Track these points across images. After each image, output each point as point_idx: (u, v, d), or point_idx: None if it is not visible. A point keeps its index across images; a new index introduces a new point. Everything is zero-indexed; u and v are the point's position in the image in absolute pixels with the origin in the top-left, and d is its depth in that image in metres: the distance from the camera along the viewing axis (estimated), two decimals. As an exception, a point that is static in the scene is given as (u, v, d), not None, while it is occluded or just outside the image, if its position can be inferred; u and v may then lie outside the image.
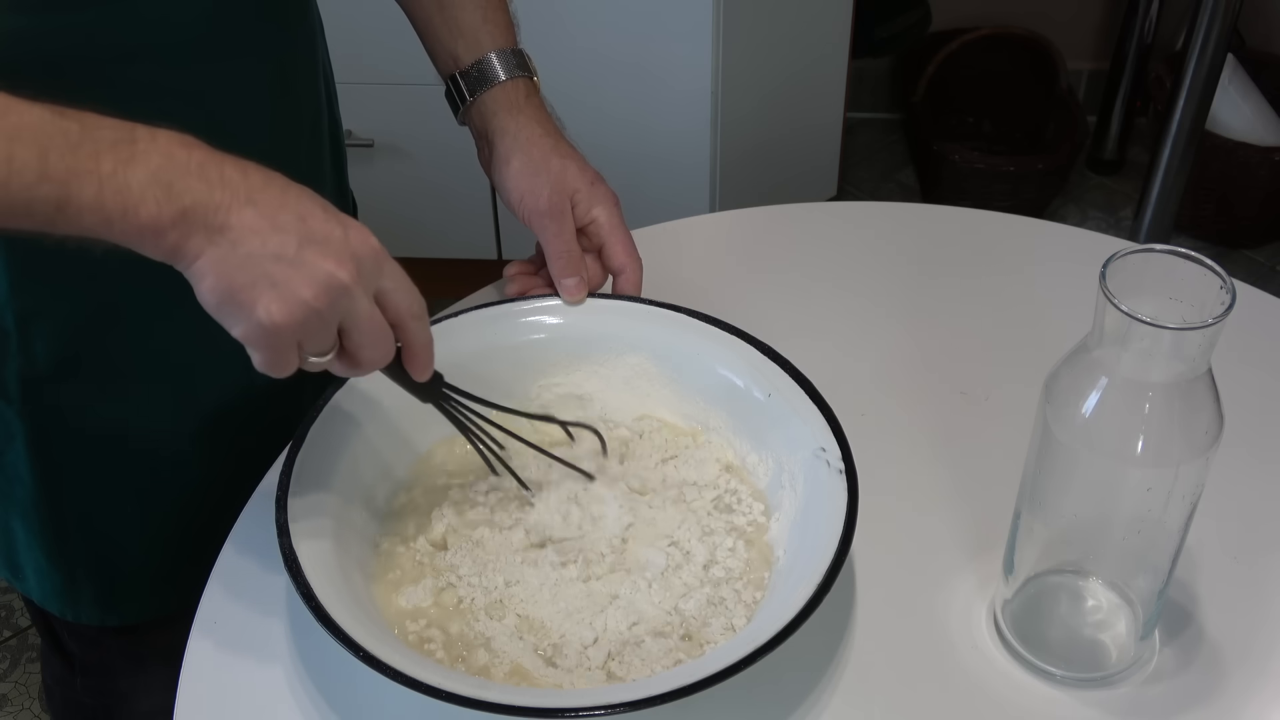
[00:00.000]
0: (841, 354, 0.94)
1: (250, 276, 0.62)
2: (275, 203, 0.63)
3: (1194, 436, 0.64)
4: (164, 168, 0.61)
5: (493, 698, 0.64)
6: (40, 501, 0.86)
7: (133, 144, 0.61)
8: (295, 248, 0.63)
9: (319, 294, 0.63)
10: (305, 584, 0.68)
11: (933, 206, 1.11)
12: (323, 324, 0.65)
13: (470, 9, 0.90)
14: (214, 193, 0.62)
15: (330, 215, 0.65)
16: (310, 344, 0.66)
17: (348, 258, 0.64)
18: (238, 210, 0.62)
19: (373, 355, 0.68)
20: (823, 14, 2.10)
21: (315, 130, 0.91)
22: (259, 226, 0.62)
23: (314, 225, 0.64)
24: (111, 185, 0.60)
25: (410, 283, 0.69)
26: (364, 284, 0.65)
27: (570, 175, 0.88)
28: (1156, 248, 0.64)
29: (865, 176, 2.53)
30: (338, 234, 0.64)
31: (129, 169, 0.60)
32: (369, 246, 0.66)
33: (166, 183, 0.61)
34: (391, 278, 0.67)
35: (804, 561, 0.71)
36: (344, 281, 0.64)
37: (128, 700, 1.03)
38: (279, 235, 0.63)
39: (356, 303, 0.65)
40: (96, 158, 0.60)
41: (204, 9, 0.76)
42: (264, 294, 0.63)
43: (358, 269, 0.65)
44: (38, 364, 0.81)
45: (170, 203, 0.61)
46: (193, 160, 0.62)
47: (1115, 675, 0.74)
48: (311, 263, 0.63)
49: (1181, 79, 1.86)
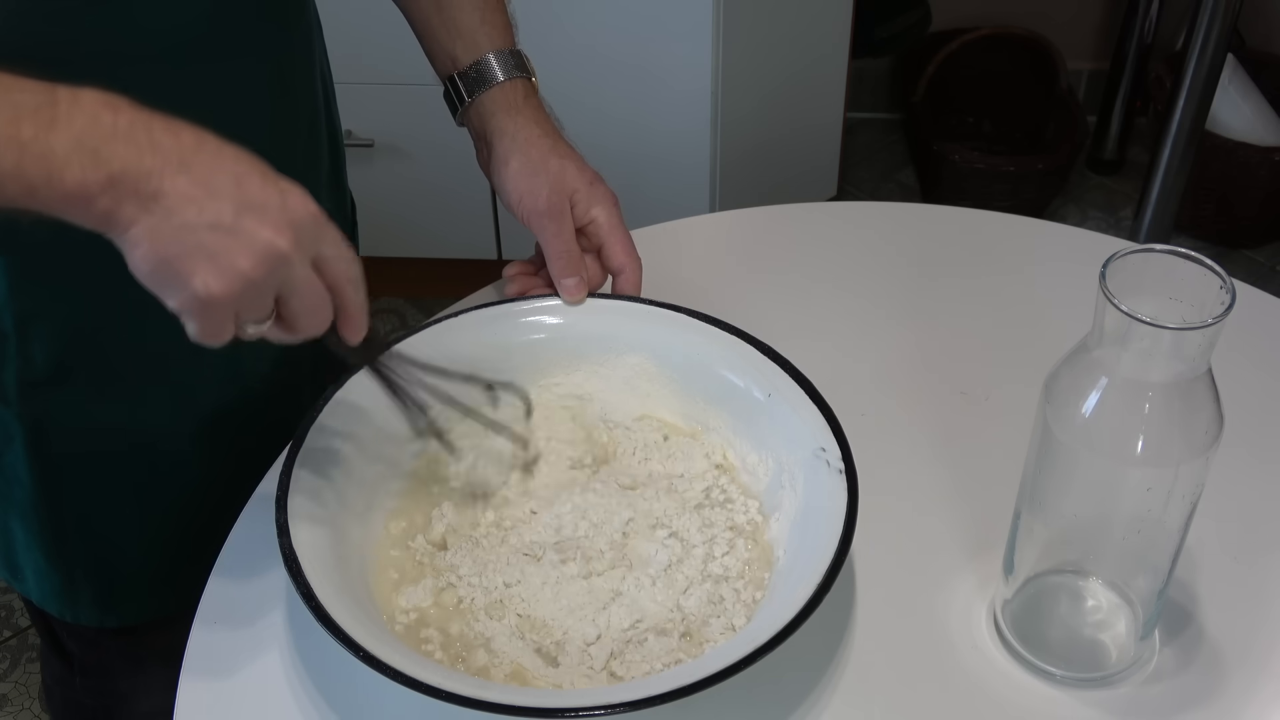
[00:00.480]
0: (841, 354, 0.94)
1: (186, 246, 0.60)
2: (210, 166, 0.60)
3: (1194, 436, 0.64)
4: (89, 132, 0.58)
5: (493, 698, 0.64)
6: (39, 502, 0.86)
7: (54, 107, 0.58)
8: (232, 215, 0.60)
9: (257, 264, 0.61)
10: (305, 584, 0.68)
11: (933, 206, 1.11)
12: (260, 294, 0.63)
13: (468, 10, 0.90)
14: (144, 158, 0.59)
15: (268, 179, 0.62)
16: (247, 313, 0.64)
17: (286, 224, 0.62)
18: (170, 176, 0.59)
19: (310, 322, 0.66)
20: (823, 14, 2.10)
21: (313, 130, 0.91)
22: (194, 194, 0.60)
23: (251, 190, 0.61)
24: (33, 151, 0.57)
25: (347, 247, 0.67)
26: (302, 251, 0.63)
27: (569, 175, 0.88)
28: (1156, 248, 0.64)
29: (865, 176, 2.53)
30: (275, 199, 0.62)
31: (50, 134, 0.57)
32: (308, 211, 0.63)
33: (92, 148, 0.58)
34: (330, 243, 0.65)
35: (804, 561, 0.71)
36: (282, 250, 0.61)
37: (127, 701, 1.03)
38: (215, 202, 0.60)
39: (295, 271, 0.63)
40: (15, 123, 0.57)
41: (202, 10, 0.76)
42: (200, 265, 0.60)
43: (296, 236, 0.62)
44: (36, 366, 0.81)
45: (97, 169, 0.58)
46: (119, 123, 0.59)
47: (1115, 675, 0.74)
48: (249, 231, 0.60)
49: (1181, 79, 1.86)
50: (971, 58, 2.47)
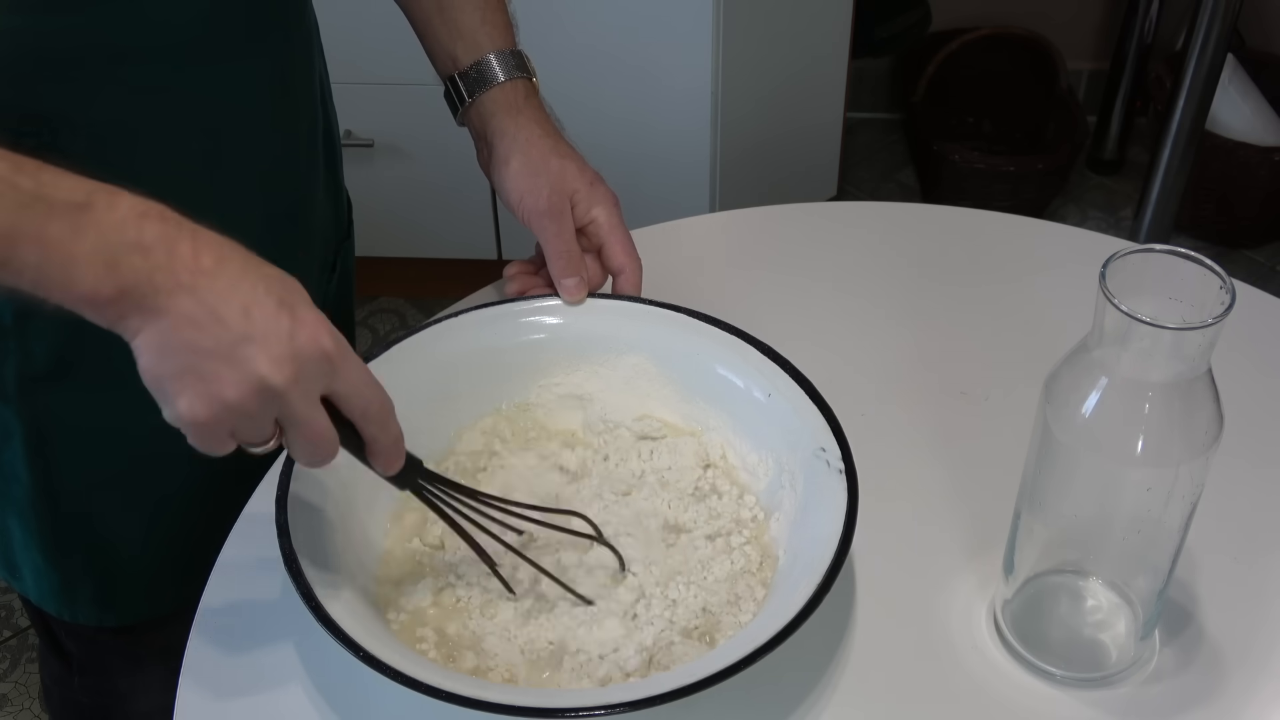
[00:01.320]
0: (841, 354, 0.94)
1: (178, 366, 0.60)
2: (222, 290, 0.60)
3: (1194, 436, 0.64)
4: (112, 241, 0.58)
5: (492, 698, 0.64)
6: (37, 501, 0.86)
7: (87, 210, 0.58)
8: (230, 344, 0.59)
9: (245, 396, 0.60)
10: (305, 584, 0.68)
11: (933, 207, 1.11)
12: (251, 422, 0.62)
13: (469, 10, 0.90)
14: (156, 275, 0.59)
15: (282, 309, 0.61)
16: (241, 436, 0.63)
17: (287, 359, 0.60)
18: (176, 296, 0.59)
19: (310, 457, 0.65)
20: (823, 14, 2.10)
21: (312, 129, 0.91)
22: (196, 316, 0.59)
23: (257, 320, 0.60)
24: (55, 252, 0.58)
25: (371, 382, 0.65)
26: (303, 387, 0.61)
27: (570, 175, 0.88)
28: (1156, 248, 0.63)
29: (865, 176, 2.53)
30: (283, 332, 0.60)
31: (76, 238, 0.58)
32: (317, 347, 0.61)
33: (110, 258, 0.58)
34: (346, 380, 0.63)
35: (804, 561, 0.71)
36: (275, 386, 0.60)
37: (126, 700, 1.03)
38: (216, 328, 0.59)
39: (290, 406, 0.62)
40: (45, 220, 0.57)
41: (201, 11, 0.76)
42: (188, 388, 0.60)
43: (297, 372, 0.61)
44: (36, 362, 0.81)
45: (109, 279, 0.58)
46: (145, 234, 0.59)
47: (1115, 675, 0.74)
48: (244, 361, 0.60)
49: (1181, 79, 1.86)
50: (971, 58, 2.47)
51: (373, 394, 0.65)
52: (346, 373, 0.63)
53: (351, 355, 0.64)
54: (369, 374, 0.65)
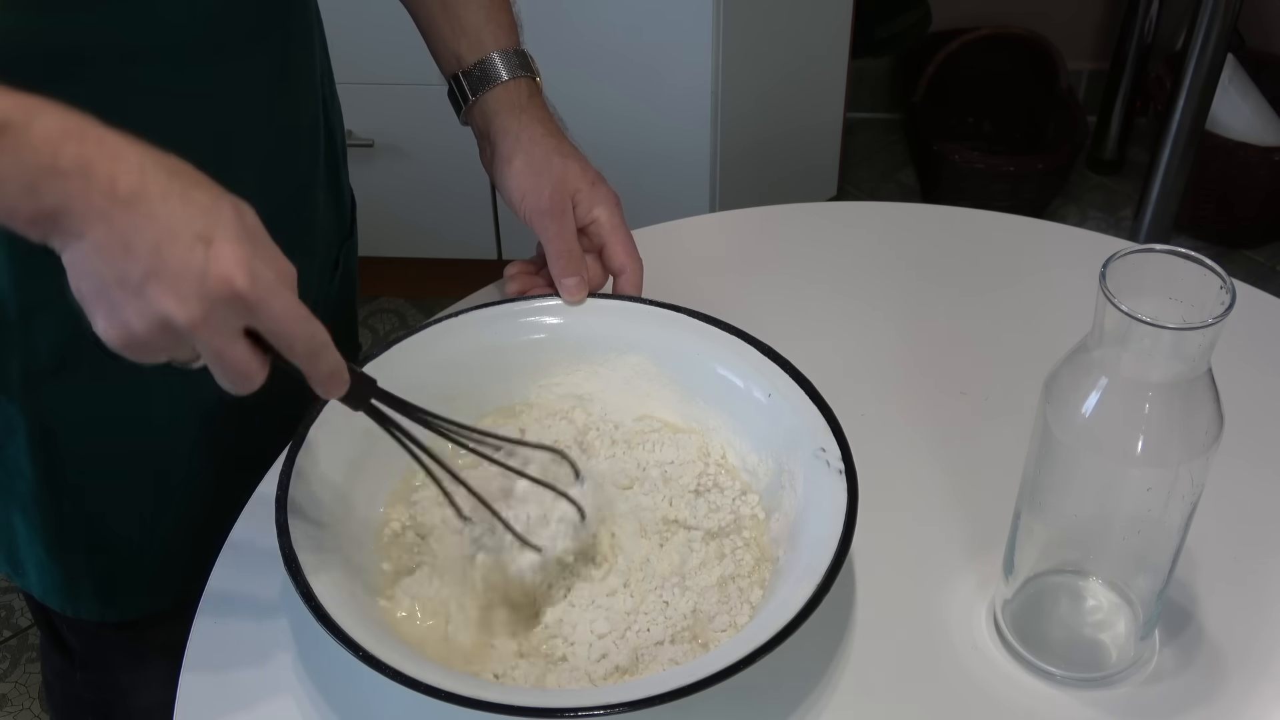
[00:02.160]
0: (841, 354, 0.94)
1: (93, 289, 0.60)
2: (135, 222, 0.59)
3: (1194, 436, 0.64)
4: (28, 164, 0.58)
5: (491, 697, 0.65)
6: (41, 496, 0.87)
7: (5, 131, 0.57)
8: (139, 277, 0.59)
9: (150, 329, 0.60)
10: (305, 584, 0.68)
11: (933, 206, 1.11)
12: (163, 349, 0.62)
13: (474, 9, 0.90)
14: (75, 199, 0.58)
15: (196, 243, 0.59)
16: (164, 356, 0.63)
17: (195, 298, 0.59)
18: (91, 223, 0.58)
19: (230, 386, 0.63)
20: (822, 14, 2.10)
21: (313, 128, 0.91)
22: (109, 246, 0.59)
23: (169, 256, 0.59)
24: None
25: (294, 318, 0.62)
26: (213, 326, 0.60)
27: (572, 175, 0.88)
28: (1156, 248, 0.64)
29: (865, 176, 2.53)
30: (193, 270, 0.59)
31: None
32: (228, 287, 0.59)
33: (28, 182, 0.58)
34: (266, 317, 0.61)
35: (804, 561, 0.71)
36: (179, 323, 0.59)
37: (127, 695, 1.03)
38: (126, 260, 0.59)
39: (201, 343, 0.61)
40: None
41: (204, 10, 0.76)
42: (101, 311, 0.60)
43: (205, 312, 0.59)
44: (40, 358, 0.81)
45: (30, 201, 0.58)
46: (61, 158, 0.58)
47: (1115, 675, 0.74)
48: (150, 298, 0.59)
49: (1181, 79, 1.86)
50: (971, 58, 2.47)
51: (297, 329, 0.63)
52: (266, 310, 0.61)
53: (272, 292, 0.61)
54: (294, 308, 0.63)
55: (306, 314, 0.63)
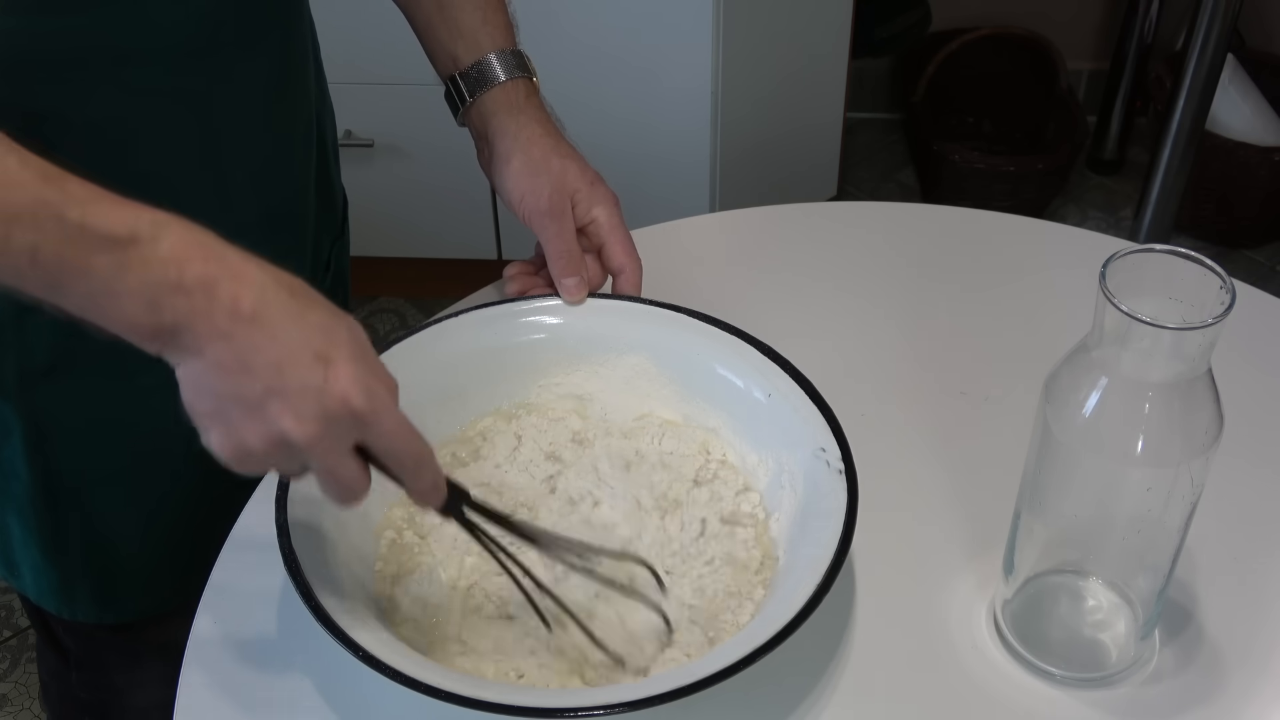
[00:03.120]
0: (841, 354, 0.94)
1: (210, 407, 0.61)
2: (257, 341, 0.60)
3: (1194, 436, 0.64)
4: (154, 281, 0.58)
5: (491, 697, 0.65)
6: (37, 498, 0.86)
7: (131, 245, 0.58)
8: (259, 396, 0.60)
9: (267, 448, 0.61)
10: (305, 584, 0.68)
11: (933, 206, 1.11)
12: (275, 466, 0.63)
13: (470, 10, 0.90)
14: (197, 318, 0.59)
15: (316, 363, 0.60)
16: (273, 469, 0.64)
17: (313, 417, 0.60)
18: (212, 343, 0.59)
19: (337, 501, 0.65)
20: (822, 14, 2.10)
21: (307, 131, 0.91)
22: (229, 365, 0.60)
23: (289, 375, 0.60)
24: (99, 286, 0.58)
25: (404, 436, 0.64)
26: (327, 444, 0.61)
27: (570, 175, 0.88)
28: (1156, 248, 0.64)
29: (865, 176, 2.53)
30: (313, 387, 0.60)
31: (120, 274, 0.58)
32: (346, 407, 0.60)
33: (152, 298, 0.58)
34: (378, 436, 0.62)
35: (804, 561, 0.71)
36: (295, 441, 0.60)
37: (124, 696, 1.03)
38: (245, 378, 0.59)
39: (315, 460, 0.62)
40: (90, 254, 0.58)
41: (198, 12, 0.76)
42: (216, 428, 0.61)
43: (322, 430, 0.60)
44: (36, 359, 0.81)
45: (150, 317, 0.59)
46: (186, 276, 0.59)
47: (1115, 675, 0.74)
48: (269, 417, 0.60)
49: (1181, 79, 1.86)
50: (971, 58, 2.47)
51: (406, 447, 0.64)
52: (378, 429, 0.62)
53: (385, 409, 0.62)
54: (403, 426, 0.64)
55: (414, 429, 0.64)
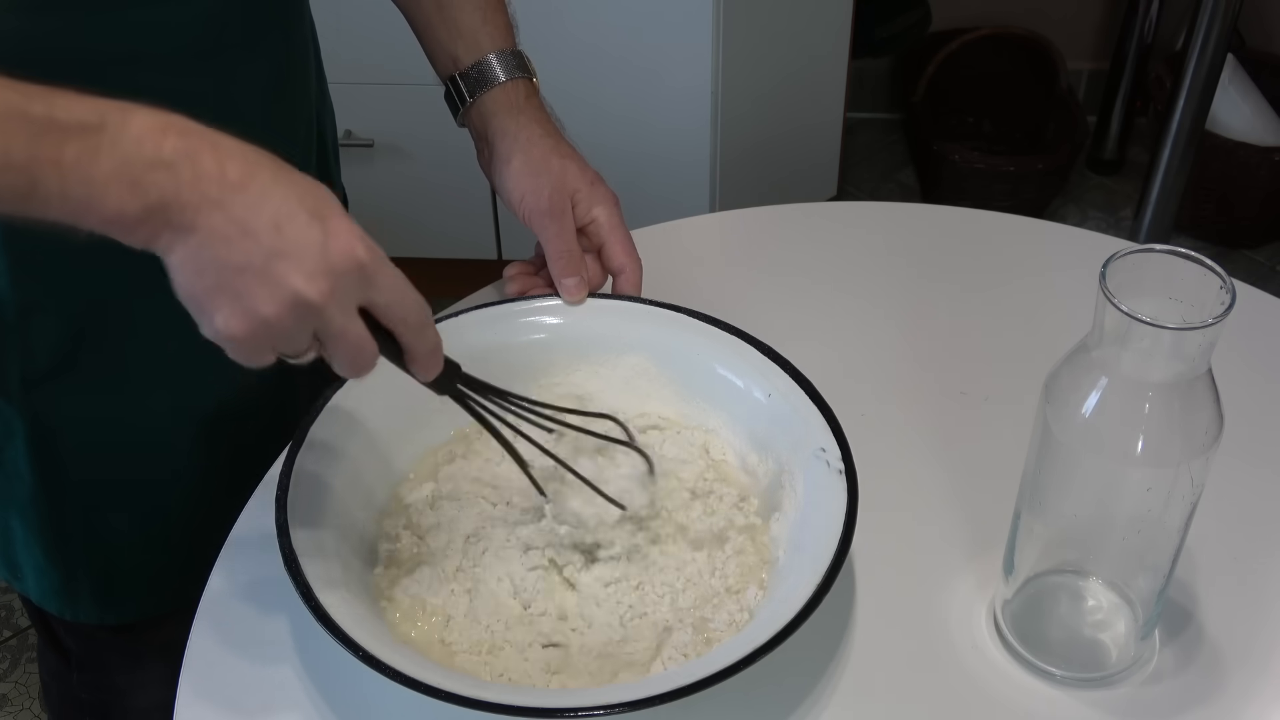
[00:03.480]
0: (841, 354, 0.94)
1: (213, 282, 0.59)
2: (250, 204, 0.59)
3: (1194, 436, 0.64)
4: (131, 159, 0.57)
5: (491, 698, 0.64)
6: (40, 499, 0.87)
7: (100, 131, 0.57)
8: (263, 258, 0.58)
9: (281, 311, 0.59)
10: (305, 584, 0.68)
11: (933, 206, 1.11)
12: (288, 335, 0.61)
13: (469, 11, 0.90)
14: (182, 191, 0.57)
15: (313, 220, 0.60)
16: (281, 348, 0.62)
17: (320, 273, 0.59)
18: (206, 212, 0.58)
19: (349, 367, 0.64)
20: (822, 14, 2.10)
21: (308, 131, 0.91)
22: (227, 232, 0.58)
23: (289, 233, 0.59)
24: (75, 176, 0.56)
25: (407, 290, 0.64)
26: (338, 300, 0.61)
27: (570, 175, 0.88)
28: (1156, 248, 0.64)
29: (865, 176, 2.53)
30: (315, 242, 0.60)
31: (94, 160, 0.56)
32: (351, 259, 0.61)
33: (132, 178, 0.57)
34: (383, 289, 0.63)
35: (804, 562, 0.71)
36: (310, 300, 0.59)
37: (125, 696, 1.03)
38: (247, 242, 0.58)
39: (327, 320, 0.61)
40: (61, 146, 0.56)
41: (201, 13, 0.76)
42: (224, 304, 0.59)
43: (332, 285, 0.60)
44: (38, 360, 0.81)
45: (135, 199, 0.57)
46: (164, 150, 0.57)
47: (1115, 675, 0.74)
48: (278, 277, 0.59)
49: (1181, 79, 1.86)
50: (971, 58, 2.47)
51: (409, 301, 0.64)
52: (382, 282, 0.63)
53: (386, 263, 0.63)
54: (404, 281, 0.64)
55: (411, 286, 0.64)
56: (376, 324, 0.65)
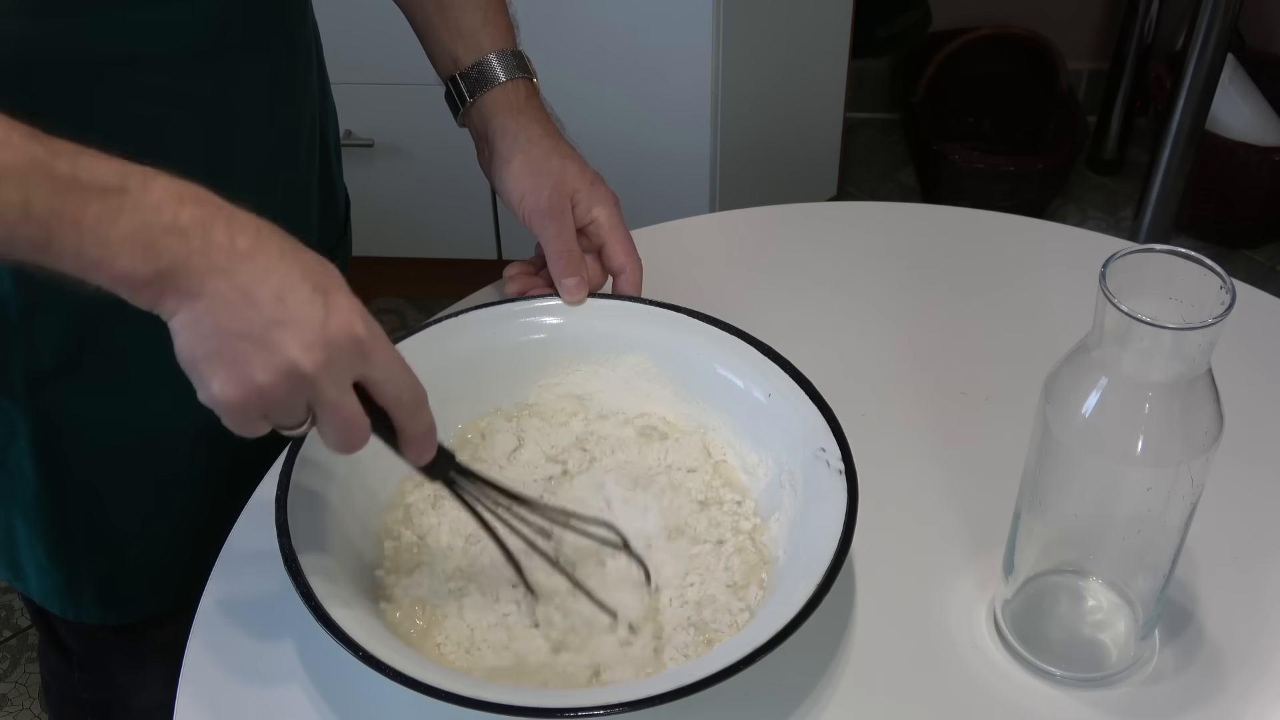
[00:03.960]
0: (841, 354, 0.94)
1: (212, 348, 0.61)
2: (256, 275, 0.60)
3: (1194, 436, 0.64)
4: (148, 224, 0.59)
5: (492, 698, 0.65)
6: (43, 499, 0.87)
7: (122, 194, 0.59)
8: (263, 326, 0.60)
9: (275, 380, 0.61)
10: (305, 584, 0.68)
11: (933, 206, 1.11)
12: (282, 405, 0.62)
13: (470, 11, 0.90)
14: (193, 257, 0.59)
15: (315, 294, 0.61)
16: (275, 418, 0.63)
17: (318, 344, 0.61)
18: (212, 279, 0.60)
19: (339, 443, 0.65)
20: (822, 14, 2.10)
21: (311, 132, 0.91)
22: (231, 299, 0.60)
23: (291, 305, 0.61)
24: (92, 236, 0.58)
25: (404, 370, 0.65)
26: (333, 374, 0.62)
27: (570, 175, 0.88)
28: (1156, 248, 0.64)
29: (865, 176, 2.53)
30: (315, 317, 0.61)
31: (113, 221, 0.58)
32: (349, 333, 0.62)
33: (147, 241, 0.59)
34: (379, 366, 0.64)
35: (804, 561, 0.71)
36: (304, 371, 0.61)
37: (126, 696, 1.03)
38: (249, 310, 0.60)
39: (321, 392, 0.62)
40: (83, 205, 0.58)
41: (203, 14, 0.76)
42: (221, 369, 0.61)
43: (328, 359, 0.61)
44: (42, 359, 0.81)
45: (147, 262, 0.59)
46: (180, 218, 0.59)
47: (1115, 675, 0.74)
48: (275, 346, 0.60)
49: (1181, 79, 1.86)
50: (971, 58, 2.47)
51: (406, 381, 0.65)
52: (379, 359, 0.64)
53: (385, 342, 0.64)
54: (402, 361, 0.65)
55: (409, 368, 0.65)
56: (372, 404, 0.65)
